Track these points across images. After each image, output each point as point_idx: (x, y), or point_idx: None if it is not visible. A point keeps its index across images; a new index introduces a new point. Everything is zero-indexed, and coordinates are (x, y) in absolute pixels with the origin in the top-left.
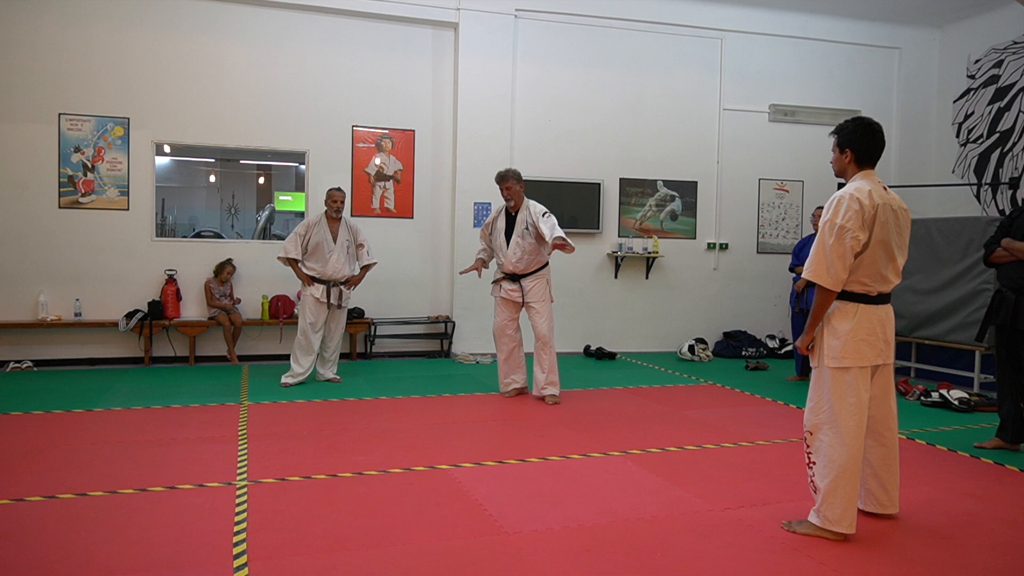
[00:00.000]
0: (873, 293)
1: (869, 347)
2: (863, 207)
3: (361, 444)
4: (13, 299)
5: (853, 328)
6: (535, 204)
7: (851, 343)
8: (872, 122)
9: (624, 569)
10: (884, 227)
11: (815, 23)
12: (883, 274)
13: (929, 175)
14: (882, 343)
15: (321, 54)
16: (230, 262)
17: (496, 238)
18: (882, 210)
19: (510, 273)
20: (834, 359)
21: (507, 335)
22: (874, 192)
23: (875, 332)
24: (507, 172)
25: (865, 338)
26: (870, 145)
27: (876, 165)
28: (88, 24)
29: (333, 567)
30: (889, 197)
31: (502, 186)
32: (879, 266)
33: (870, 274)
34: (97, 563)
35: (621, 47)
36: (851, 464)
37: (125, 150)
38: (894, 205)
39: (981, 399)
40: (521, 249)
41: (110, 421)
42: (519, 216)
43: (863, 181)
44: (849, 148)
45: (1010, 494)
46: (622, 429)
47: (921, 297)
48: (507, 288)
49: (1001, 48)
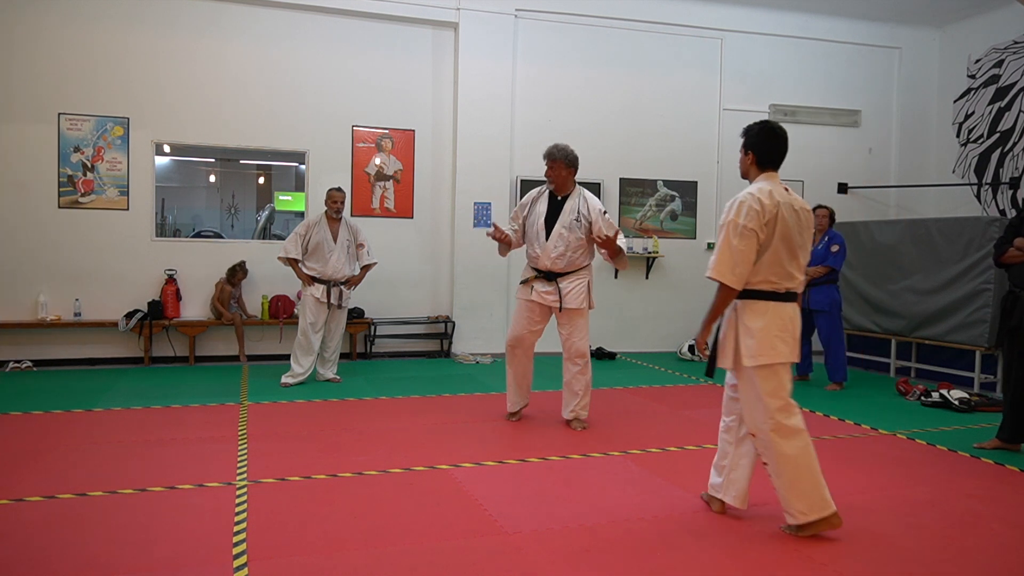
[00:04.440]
0: (781, 290)
1: (783, 343)
2: (763, 207)
3: (361, 444)
4: (13, 299)
5: (766, 325)
6: (592, 196)
7: (766, 340)
8: (776, 126)
9: (624, 569)
10: (785, 226)
11: (815, 23)
12: (788, 271)
13: (929, 175)
14: (792, 340)
15: (321, 54)
16: (243, 266)
17: (534, 223)
18: (783, 209)
19: (545, 271)
20: (752, 357)
21: (524, 348)
22: (774, 192)
23: (787, 328)
24: (556, 150)
25: (778, 334)
26: (771, 148)
27: (779, 168)
28: (88, 24)
29: (333, 567)
30: (791, 198)
31: (548, 163)
32: (783, 263)
33: (776, 271)
34: (97, 563)
35: (621, 47)
36: (801, 456)
37: (125, 150)
38: (795, 205)
39: (981, 399)
40: (565, 243)
41: (110, 421)
42: (567, 203)
43: (764, 183)
44: (752, 150)
45: (1010, 494)
46: (622, 429)
47: (921, 297)
48: (540, 290)
49: (1001, 48)
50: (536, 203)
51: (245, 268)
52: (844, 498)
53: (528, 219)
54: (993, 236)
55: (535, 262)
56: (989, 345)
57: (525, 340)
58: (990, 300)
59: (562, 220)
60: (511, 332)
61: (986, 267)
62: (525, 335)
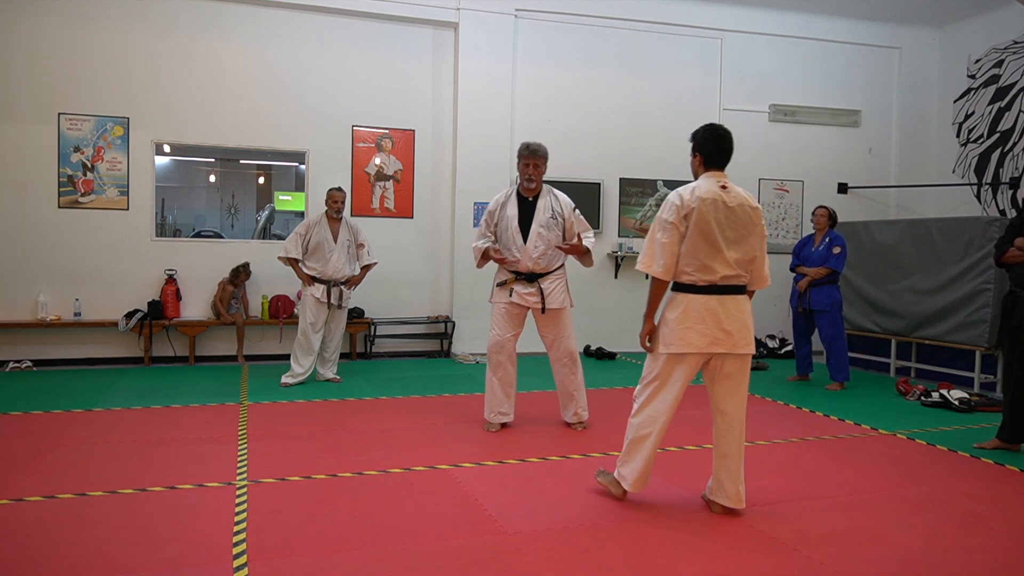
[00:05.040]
0: (700, 283)
1: (696, 334)
2: (682, 202)
3: (361, 444)
4: (13, 299)
5: (679, 317)
6: (561, 193)
7: (677, 330)
8: (719, 128)
9: (624, 569)
10: (704, 221)
11: (815, 23)
12: (708, 265)
13: (929, 175)
14: (718, 331)
15: (321, 54)
16: (246, 267)
17: (507, 227)
18: (704, 204)
19: (526, 272)
20: (663, 345)
21: (507, 353)
22: (701, 188)
23: (704, 320)
24: (540, 148)
25: (691, 325)
26: (715, 149)
27: (726, 166)
28: (88, 24)
29: (333, 567)
30: (725, 194)
31: (532, 162)
32: (702, 257)
33: (692, 264)
34: (97, 563)
35: (621, 47)
36: (649, 435)
37: (125, 150)
38: (729, 201)
39: (981, 399)
40: (545, 243)
41: (110, 421)
42: (540, 203)
43: (701, 180)
44: (698, 152)
45: (1010, 494)
46: (622, 429)
47: (921, 297)
48: (522, 292)
49: (1001, 48)
50: (504, 207)
51: (248, 269)
52: (844, 498)
53: (500, 224)
54: (993, 236)
55: (514, 265)
56: (989, 345)
57: (508, 344)
58: (990, 300)
59: (538, 219)
60: (494, 338)
61: (986, 267)
62: (508, 339)
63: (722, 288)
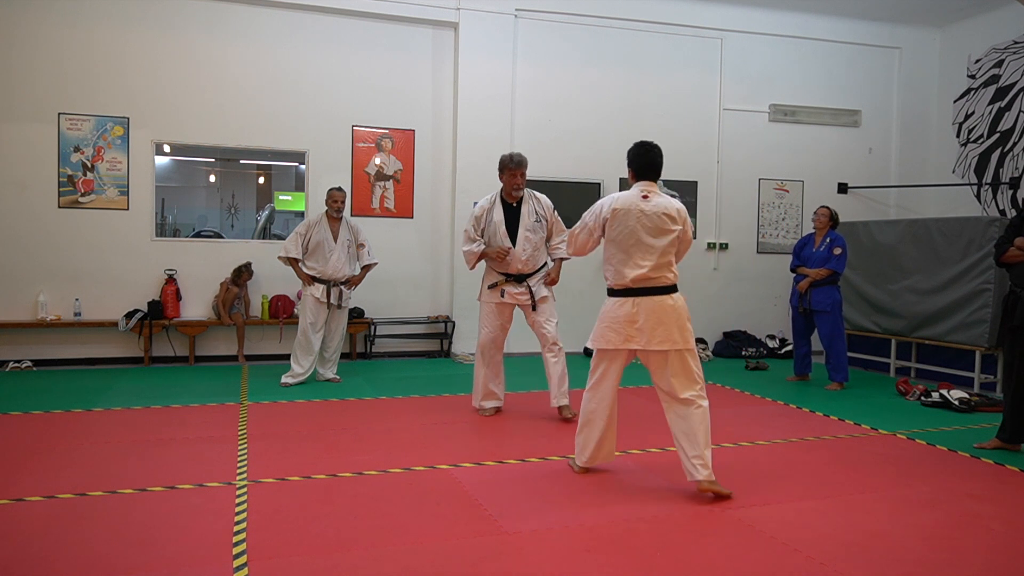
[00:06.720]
0: (617, 287)
1: (614, 333)
2: (601, 211)
3: (361, 444)
4: (13, 299)
5: (602, 317)
6: (540, 194)
7: (599, 329)
8: (646, 143)
9: (624, 569)
10: (620, 228)
11: (815, 23)
12: (621, 271)
13: (929, 175)
14: (631, 330)
15: (321, 54)
16: (248, 267)
17: (495, 232)
18: (620, 214)
19: (515, 274)
20: (592, 342)
21: (497, 347)
22: (620, 199)
23: (618, 320)
24: (523, 158)
25: (610, 325)
26: (642, 162)
27: (657, 177)
28: (88, 24)
29: (333, 567)
30: (642, 203)
31: (519, 172)
32: (616, 264)
33: (610, 271)
34: (97, 563)
35: (621, 47)
36: (592, 418)
37: (125, 150)
38: (647, 209)
39: (981, 399)
40: (532, 245)
41: (110, 421)
42: (524, 208)
43: (629, 190)
44: (630, 167)
45: (1010, 494)
46: (622, 429)
47: (921, 297)
48: (513, 292)
49: (1001, 48)
50: (491, 212)
51: (251, 269)
52: (844, 498)
53: (488, 229)
54: (993, 236)
55: (504, 268)
56: (989, 345)
57: (498, 340)
58: (990, 300)
59: (524, 223)
60: (485, 336)
61: (986, 267)
62: (498, 335)
63: (637, 291)
